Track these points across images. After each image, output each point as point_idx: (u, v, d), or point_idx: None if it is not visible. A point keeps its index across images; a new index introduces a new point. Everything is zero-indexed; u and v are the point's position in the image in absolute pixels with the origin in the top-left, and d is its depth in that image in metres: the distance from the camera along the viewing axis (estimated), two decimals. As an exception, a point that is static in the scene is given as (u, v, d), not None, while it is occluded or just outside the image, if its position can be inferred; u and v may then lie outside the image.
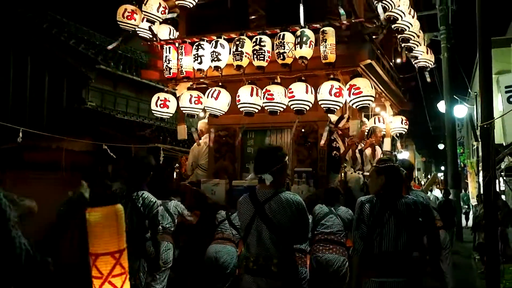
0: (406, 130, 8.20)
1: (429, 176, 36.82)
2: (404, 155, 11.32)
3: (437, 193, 17.17)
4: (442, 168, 42.71)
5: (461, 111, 16.47)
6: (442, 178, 29.31)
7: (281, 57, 5.64)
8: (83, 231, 2.44)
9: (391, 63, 7.32)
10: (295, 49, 5.61)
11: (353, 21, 5.66)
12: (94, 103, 10.83)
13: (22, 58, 10.90)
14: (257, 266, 3.31)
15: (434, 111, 21.79)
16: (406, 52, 7.18)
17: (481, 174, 11.54)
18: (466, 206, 20.46)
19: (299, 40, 5.57)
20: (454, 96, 15.53)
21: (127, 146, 8.98)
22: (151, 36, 6.85)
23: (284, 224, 3.25)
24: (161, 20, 6.82)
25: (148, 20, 6.69)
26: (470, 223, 16.98)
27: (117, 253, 2.75)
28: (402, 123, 7.96)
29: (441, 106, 16.57)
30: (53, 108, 10.59)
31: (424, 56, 7.58)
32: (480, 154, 8.99)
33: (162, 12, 6.62)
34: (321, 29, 5.57)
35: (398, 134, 8.21)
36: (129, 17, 6.71)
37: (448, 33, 14.97)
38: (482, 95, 6.20)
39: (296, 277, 3.59)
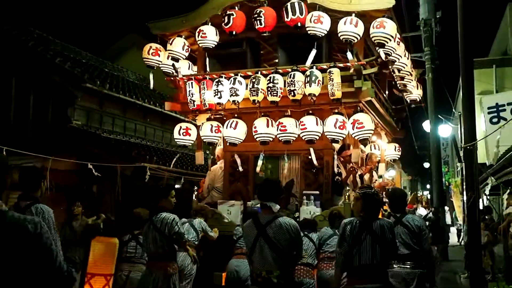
0: (399, 156, 9.41)
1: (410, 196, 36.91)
2: (390, 173, 11.50)
3: (422, 211, 17.26)
4: (428, 186, 42.93)
5: (445, 130, 16.87)
6: (428, 196, 29.34)
7: (292, 94, 6.63)
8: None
9: (385, 95, 8.47)
10: (305, 87, 6.58)
11: (356, 63, 6.64)
12: (80, 121, 11.01)
13: (6, 76, 11.10)
14: (261, 279, 4.04)
15: (420, 131, 22.00)
16: (401, 88, 8.48)
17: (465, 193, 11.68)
18: (459, 223, 20.71)
19: (308, 79, 6.56)
20: (439, 116, 15.75)
21: (113, 165, 8.90)
22: (174, 71, 7.80)
23: (282, 244, 4.04)
24: (184, 57, 7.81)
25: (173, 58, 7.66)
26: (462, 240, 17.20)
27: (109, 276, 3.22)
28: (395, 150, 9.18)
29: (426, 125, 16.82)
30: (38, 127, 10.66)
31: (414, 91, 8.89)
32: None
33: (186, 50, 7.65)
34: (329, 70, 6.58)
35: (392, 160, 9.38)
36: (153, 54, 7.73)
37: (432, 54, 15.45)
38: (465, 118, 6.49)
39: (293, 287, 4.43)
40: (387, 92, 8.83)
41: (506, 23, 16.06)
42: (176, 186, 12.04)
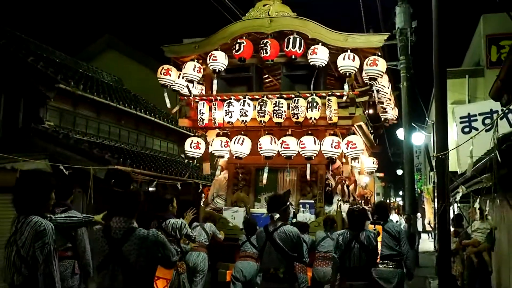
0: (376, 169, 11.09)
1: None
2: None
3: (394, 217, 17.49)
4: (401, 193, 43.39)
5: (418, 138, 17.26)
6: (401, 203, 29.65)
7: (296, 117, 8.00)
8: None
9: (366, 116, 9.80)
10: (307, 111, 7.94)
11: (351, 92, 7.96)
12: (52, 123, 10.87)
13: (-25, 75, 10.67)
14: (269, 275, 5.32)
15: (394, 138, 22.34)
16: (380, 109, 9.89)
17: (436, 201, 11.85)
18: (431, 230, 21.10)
19: (310, 105, 7.93)
20: (413, 124, 16.02)
21: (85, 167, 8.77)
22: (186, 90, 8.99)
23: (286, 247, 5.29)
24: (198, 79, 8.95)
25: (188, 80, 8.84)
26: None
27: (169, 280, 6.08)
28: (373, 163, 10.75)
29: (400, 133, 17.07)
30: (8, 128, 10.38)
31: (391, 111, 10.35)
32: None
33: (198, 71, 8.75)
34: (327, 98, 7.96)
35: (370, 172, 11.04)
36: (165, 73, 8.91)
37: (407, 63, 15.95)
38: (438, 127, 6.78)
39: (296, 282, 5.55)
40: (366, 112, 10.07)
41: (479, 34, 16.65)
42: (150, 189, 11.94)
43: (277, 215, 5.45)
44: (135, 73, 20.01)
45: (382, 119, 10.63)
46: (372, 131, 10.57)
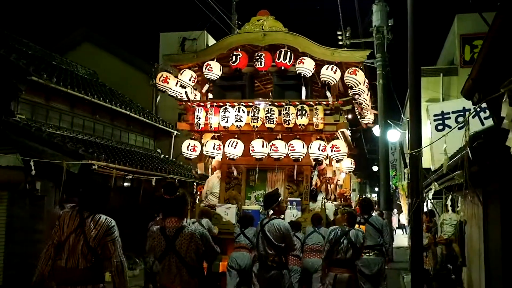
0: (353, 168, 12.17)
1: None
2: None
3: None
4: (376, 189, 43.73)
5: (394, 135, 17.26)
6: (375, 199, 29.89)
7: (287, 123, 8.64)
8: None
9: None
10: (296, 118, 8.61)
11: (335, 102, 8.66)
12: (24, 116, 10.62)
13: None
14: (262, 263, 6.21)
15: (370, 135, 22.47)
16: (359, 114, 10.71)
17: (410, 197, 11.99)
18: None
19: (299, 113, 8.60)
20: (388, 121, 16.12)
21: (58, 162, 8.64)
22: (182, 96, 9.57)
23: (276, 238, 6.14)
24: (190, 87, 9.66)
25: (181, 86, 9.47)
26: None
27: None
28: (351, 163, 11.52)
29: (376, 130, 17.17)
30: (-23, 121, 10.11)
31: (368, 116, 11.20)
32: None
33: (193, 81, 9.47)
34: (315, 106, 8.62)
35: (347, 171, 12.16)
36: (163, 81, 9.47)
37: (384, 61, 16.14)
38: (412, 124, 6.90)
39: (285, 269, 6.32)
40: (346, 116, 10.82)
41: (454, 33, 16.88)
42: (125, 184, 11.83)
43: (269, 212, 6.47)
44: (111, 66, 19.93)
45: (361, 123, 11.42)
46: (350, 134, 11.10)
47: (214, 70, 9.22)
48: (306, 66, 8.74)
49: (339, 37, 18.60)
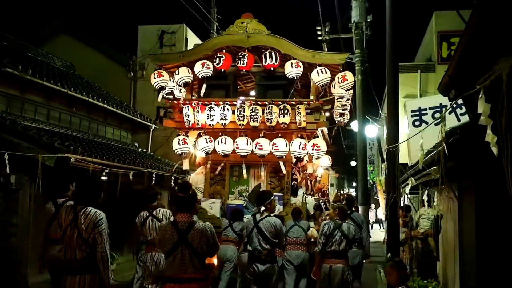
0: (330, 165, 12.69)
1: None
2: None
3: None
4: (354, 184, 44.06)
5: (372, 131, 17.37)
6: (353, 194, 30.12)
7: (270, 122, 9.11)
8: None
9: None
10: (279, 116, 9.03)
11: (316, 102, 9.17)
12: (-2, 108, 10.25)
13: None
14: (254, 256, 6.69)
15: (348, 130, 22.57)
16: (336, 114, 11.06)
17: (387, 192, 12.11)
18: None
19: (282, 112, 9.03)
20: (366, 116, 16.23)
21: (33, 155, 8.51)
22: (177, 92, 10.16)
23: (269, 233, 6.67)
24: (192, 79, 10.01)
25: (184, 83, 9.89)
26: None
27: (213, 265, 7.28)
28: (328, 160, 11.86)
29: (354, 125, 17.27)
30: (-50, 113, 9.91)
31: (346, 116, 11.56)
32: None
33: (191, 73, 9.84)
34: (297, 106, 9.05)
35: (325, 168, 12.69)
36: (158, 76, 9.77)
37: (362, 57, 16.24)
38: (389, 120, 6.81)
39: (276, 263, 6.93)
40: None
41: (431, 30, 17.06)
42: (102, 178, 11.71)
43: (261, 208, 6.89)
44: (88, 59, 19.69)
45: (337, 122, 11.75)
46: (327, 131, 11.58)
47: (211, 67, 9.67)
48: (297, 69, 9.27)
49: (319, 32, 18.69)
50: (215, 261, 8.51)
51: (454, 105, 9.55)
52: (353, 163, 36.52)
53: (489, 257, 5.74)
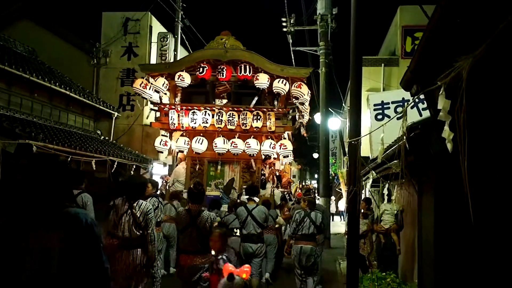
0: (292, 160, 15.45)
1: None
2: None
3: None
4: (316, 176, 44.47)
5: (335, 123, 17.46)
6: (315, 186, 30.41)
7: (244, 125, 11.29)
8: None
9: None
10: (252, 121, 11.21)
11: (284, 109, 11.64)
12: (-44, 93, 9.91)
13: None
14: (247, 238, 8.49)
15: (311, 122, 22.67)
16: (299, 116, 13.08)
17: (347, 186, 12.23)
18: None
19: (255, 117, 11.25)
20: (329, 109, 16.32)
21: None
22: (153, 98, 12.27)
23: (260, 219, 8.52)
24: (164, 92, 12.22)
25: (155, 90, 11.98)
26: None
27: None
28: (290, 155, 13.11)
29: (317, 117, 17.36)
30: None
31: (306, 117, 13.62)
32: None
33: (165, 86, 12.01)
34: (267, 112, 11.31)
35: (288, 162, 15.10)
36: (144, 87, 11.83)
37: (327, 49, 16.25)
38: (352, 113, 6.88)
39: (263, 242, 8.78)
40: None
41: (396, 25, 17.25)
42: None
43: (255, 199, 8.94)
44: (51, 45, 19.28)
45: (299, 122, 13.48)
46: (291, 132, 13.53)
47: (186, 79, 11.69)
48: (262, 81, 11.17)
49: (284, 24, 18.66)
50: None
51: (416, 100, 9.68)
52: (315, 155, 36.77)
53: (446, 250, 5.86)
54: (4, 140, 9.24)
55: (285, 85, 11.08)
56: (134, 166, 15.13)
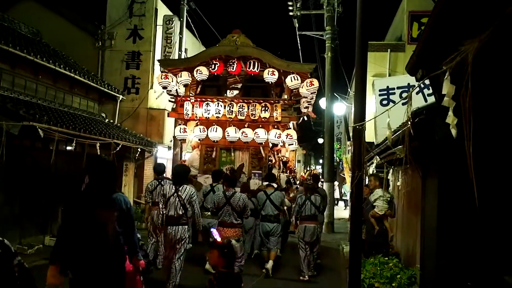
0: (296, 148, 16.59)
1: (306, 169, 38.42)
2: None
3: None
4: (321, 161, 44.48)
5: (340, 108, 17.47)
6: (320, 171, 30.40)
7: (253, 116, 12.72)
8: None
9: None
10: (261, 112, 12.66)
11: (289, 101, 13.06)
12: (-40, 74, 9.92)
13: None
14: (265, 218, 9.96)
15: (316, 107, 22.67)
16: (303, 108, 14.11)
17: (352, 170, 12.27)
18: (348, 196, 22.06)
19: (263, 109, 12.67)
20: (335, 94, 16.25)
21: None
22: (179, 91, 13.84)
23: (277, 202, 9.98)
24: (190, 82, 13.71)
25: (184, 85, 13.64)
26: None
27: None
28: (295, 144, 14.14)
29: (323, 102, 17.28)
30: None
31: (310, 109, 14.29)
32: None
33: (190, 77, 13.42)
34: (274, 104, 12.73)
35: (292, 150, 16.35)
36: (164, 78, 13.23)
37: (333, 34, 16.28)
38: (357, 98, 6.83)
39: (279, 222, 10.16)
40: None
41: (403, 10, 17.14)
42: (68, 148, 11.51)
43: (274, 185, 10.43)
44: (56, 26, 19.12)
45: (304, 112, 14.36)
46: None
47: (204, 72, 13.12)
48: (271, 75, 12.54)
49: (290, 8, 18.54)
50: None
51: (422, 85, 9.64)
52: (320, 140, 36.70)
53: (449, 235, 5.88)
54: (8, 121, 9.27)
55: (297, 80, 12.48)
56: (139, 149, 15.15)
